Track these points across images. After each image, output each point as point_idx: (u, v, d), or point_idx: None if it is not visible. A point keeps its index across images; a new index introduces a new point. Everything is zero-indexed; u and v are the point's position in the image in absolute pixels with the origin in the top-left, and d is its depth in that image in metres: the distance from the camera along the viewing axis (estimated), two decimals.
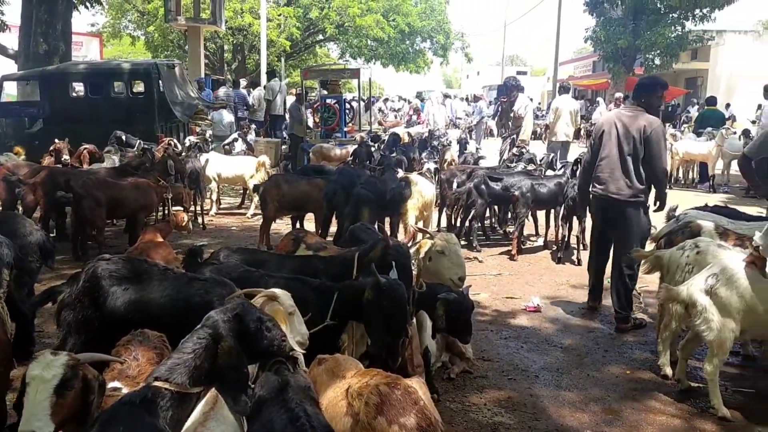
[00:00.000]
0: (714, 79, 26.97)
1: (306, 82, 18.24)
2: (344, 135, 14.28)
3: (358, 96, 16.82)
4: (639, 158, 5.24)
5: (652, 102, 5.39)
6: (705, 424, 3.86)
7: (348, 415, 2.38)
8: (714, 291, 3.90)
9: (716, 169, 13.23)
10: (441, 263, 3.80)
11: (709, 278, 3.96)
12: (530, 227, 8.85)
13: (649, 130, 5.19)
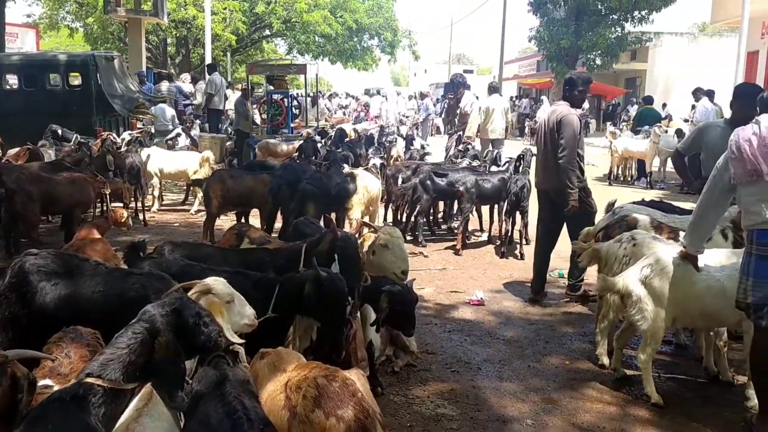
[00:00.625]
0: (652, 80, 27.89)
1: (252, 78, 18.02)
2: (291, 131, 14.18)
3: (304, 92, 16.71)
4: (555, 149, 5.63)
5: (574, 96, 5.78)
6: (639, 411, 3.99)
7: (286, 408, 2.36)
8: (648, 281, 4.03)
9: (653, 166, 13.69)
10: (384, 257, 3.81)
11: (644, 269, 4.09)
12: (475, 222, 8.97)
13: (560, 118, 5.59)
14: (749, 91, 5.16)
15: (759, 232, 3.42)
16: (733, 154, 3.45)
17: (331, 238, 3.57)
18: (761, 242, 3.41)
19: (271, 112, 14.33)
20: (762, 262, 3.41)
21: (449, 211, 9.23)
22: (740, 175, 3.44)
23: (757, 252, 3.43)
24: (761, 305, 3.41)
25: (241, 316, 2.85)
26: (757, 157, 3.33)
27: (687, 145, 5.51)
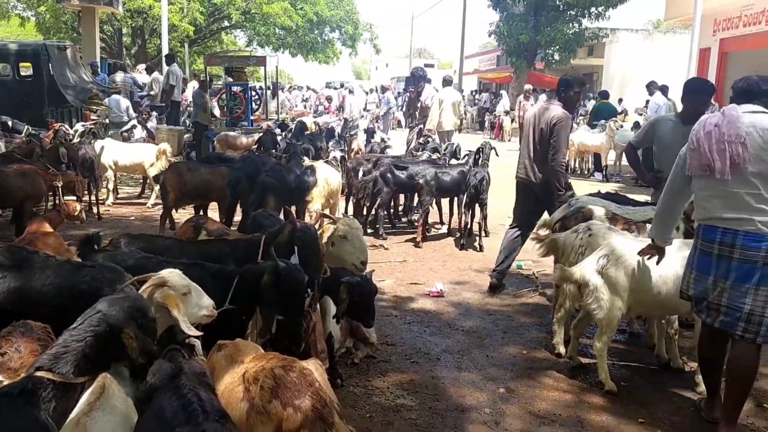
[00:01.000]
0: (608, 75, 28.38)
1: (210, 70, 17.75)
2: (251, 123, 14.02)
3: (264, 84, 16.54)
4: (546, 147, 5.71)
5: (569, 97, 5.86)
6: (593, 398, 4.07)
7: (244, 400, 2.34)
8: (605, 271, 4.12)
9: (609, 160, 13.96)
10: (343, 248, 3.80)
11: (600, 259, 4.17)
12: (435, 215, 9.02)
13: (555, 121, 5.64)
14: (699, 86, 5.30)
15: (705, 228, 3.46)
16: (692, 145, 3.44)
17: (290, 229, 3.55)
18: (706, 238, 3.45)
19: (231, 105, 14.14)
20: (704, 257, 3.45)
21: (410, 204, 9.27)
22: (694, 168, 3.44)
23: (701, 247, 3.48)
24: (701, 299, 3.49)
25: (199, 307, 2.82)
26: (713, 152, 3.31)
27: (640, 138, 5.63)
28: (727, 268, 3.34)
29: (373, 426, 3.66)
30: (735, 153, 3.25)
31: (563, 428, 3.71)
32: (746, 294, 3.28)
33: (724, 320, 3.38)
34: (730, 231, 3.33)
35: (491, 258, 7.32)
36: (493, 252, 7.58)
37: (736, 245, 3.30)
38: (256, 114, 15.27)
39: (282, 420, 2.23)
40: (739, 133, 3.25)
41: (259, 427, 2.27)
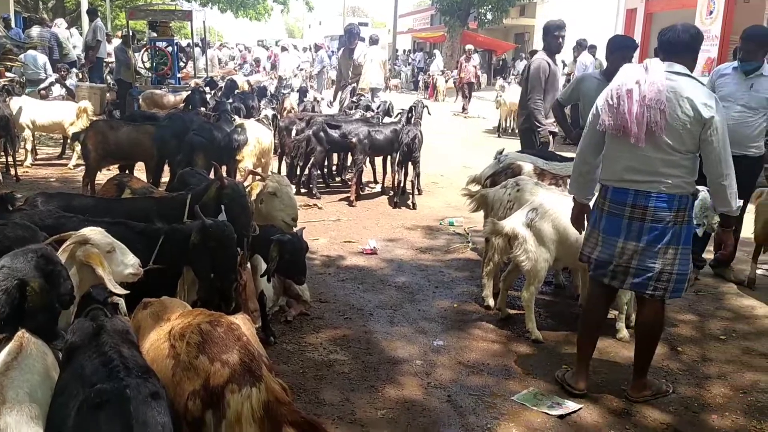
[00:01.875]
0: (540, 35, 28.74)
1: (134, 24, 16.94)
2: (178, 81, 13.53)
3: (191, 41, 15.95)
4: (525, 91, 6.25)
5: (550, 43, 6.24)
6: (520, 347, 4.22)
7: (170, 356, 2.30)
8: (533, 224, 4.23)
9: None
10: (273, 205, 3.75)
11: (529, 213, 4.28)
12: (369, 174, 9.02)
13: (530, 65, 6.21)
14: (622, 42, 5.42)
15: (615, 190, 3.38)
16: (611, 101, 3.27)
17: (218, 186, 3.46)
18: (616, 200, 3.37)
19: (156, 62, 13.58)
20: (614, 220, 3.38)
21: (343, 163, 9.22)
22: (608, 125, 3.28)
23: (610, 209, 3.40)
24: (605, 262, 3.44)
25: (124, 265, 2.74)
26: (631, 115, 3.18)
27: (566, 96, 5.74)
28: (639, 230, 3.31)
29: (306, 381, 3.69)
30: (653, 121, 3.16)
31: (491, 376, 3.83)
32: (657, 255, 3.32)
33: (635, 282, 3.40)
34: (642, 193, 3.28)
35: (424, 216, 7.43)
36: (426, 210, 7.70)
37: (648, 207, 3.28)
38: (184, 71, 14.74)
39: (209, 375, 2.21)
40: (660, 99, 3.15)
41: (186, 383, 2.24)
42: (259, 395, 2.20)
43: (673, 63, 3.29)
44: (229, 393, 2.18)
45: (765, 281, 5.53)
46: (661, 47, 3.38)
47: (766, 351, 4.25)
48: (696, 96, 3.18)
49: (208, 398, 2.19)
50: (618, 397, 3.62)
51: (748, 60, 5.06)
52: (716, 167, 3.22)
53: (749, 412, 3.52)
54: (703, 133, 3.18)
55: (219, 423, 2.17)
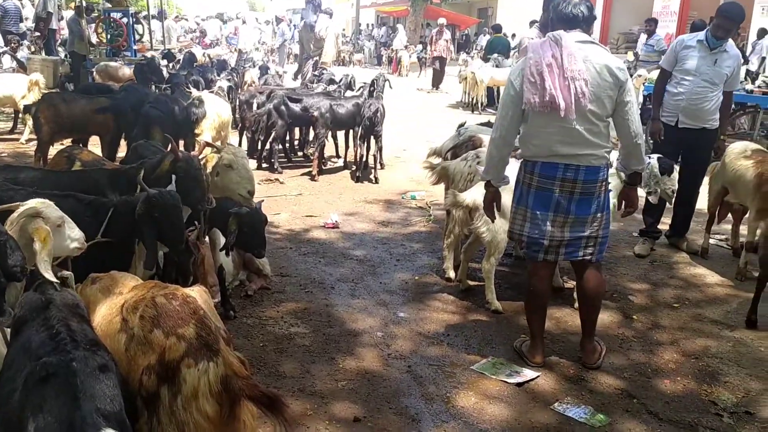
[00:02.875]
0: (503, 10, 28.73)
1: None
2: (134, 54, 13.18)
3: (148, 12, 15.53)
4: None
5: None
6: (480, 317, 4.27)
7: (123, 330, 2.25)
8: None
9: None
10: (229, 177, 3.68)
11: None
12: (331, 148, 8.95)
13: None
14: None
15: (543, 165, 3.37)
16: (532, 78, 3.20)
17: (171, 159, 3.38)
18: (545, 175, 3.37)
19: (111, 33, 13.19)
20: (543, 195, 3.39)
21: (305, 137, 9.13)
22: (534, 103, 3.21)
23: (539, 184, 3.39)
24: (538, 239, 3.46)
25: (71, 239, 2.67)
26: (556, 89, 3.16)
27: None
28: (568, 203, 3.37)
29: (266, 355, 3.67)
30: (580, 91, 3.16)
31: (451, 347, 3.87)
32: (586, 223, 3.42)
33: (567, 251, 3.49)
34: (572, 167, 3.32)
35: (386, 190, 7.43)
36: (388, 183, 7.69)
37: (578, 180, 3.34)
38: (140, 44, 14.36)
39: (164, 349, 2.17)
40: (580, 68, 3.17)
41: (141, 357, 2.20)
42: (217, 369, 2.16)
43: (577, 33, 3.32)
44: (185, 367, 2.14)
45: (717, 251, 5.68)
46: (562, 20, 3.37)
47: (717, 318, 4.37)
48: (609, 61, 3.29)
49: (164, 373, 2.15)
50: (574, 364, 3.69)
51: (722, 37, 5.05)
52: (632, 127, 3.37)
53: (700, 376, 3.63)
54: (620, 96, 3.29)
55: (175, 398, 2.13)
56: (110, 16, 13.49)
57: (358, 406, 3.22)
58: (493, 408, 3.26)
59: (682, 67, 5.18)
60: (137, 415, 2.08)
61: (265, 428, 2.54)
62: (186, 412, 2.07)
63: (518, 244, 3.63)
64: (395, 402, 3.28)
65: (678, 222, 5.66)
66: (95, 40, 13.46)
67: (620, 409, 3.29)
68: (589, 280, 3.60)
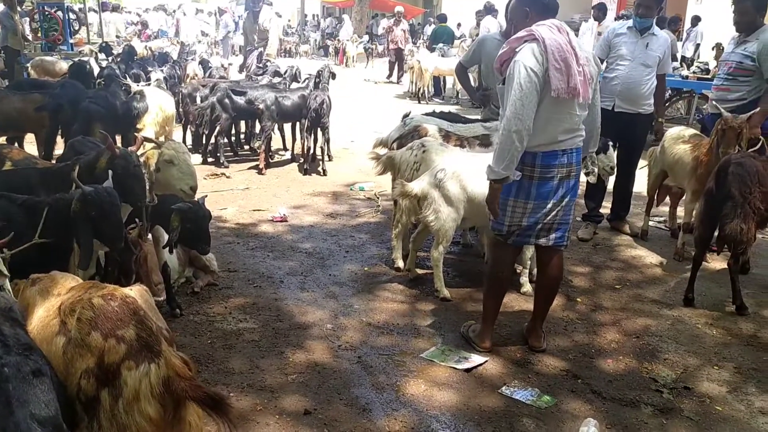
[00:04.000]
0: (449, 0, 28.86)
1: None
2: (71, 48, 12.75)
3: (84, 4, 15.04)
4: None
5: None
6: (429, 306, 4.31)
7: (60, 333, 2.18)
8: (442, 185, 4.28)
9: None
10: (170, 173, 3.61)
11: (438, 174, 4.33)
12: (278, 141, 8.87)
13: None
14: None
15: (545, 155, 3.33)
16: (557, 65, 3.14)
17: (109, 156, 3.29)
18: (546, 164, 3.34)
19: (45, 27, 12.71)
20: (545, 184, 3.38)
21: (251, 130, 9.02)
22: (562, 90, 3.16)
23: (540, 175, 3.36)
24: (533, 226, 3.47)
25: None
26: (576, 75, 3.17)
27: (468, 57, 5.78)
28: (566, 187, 3.43)
29: (215, 351, 3.63)
30: (589, 77, 3.25)
31: (400, 336, 3.90)
32: (570, 207, 3.52)
33: (556, 236, 3.52)
34: (568, 151, 3.36)
35: (334, 182, 7.41)
36: (336, 175, 7.67)
37: (572, 164, 3.40)
38: (77, 37, 13.89)
39: (103, 352, 2.12)
40: (587, 55, 3.30)
41: (79, 361, 2.14)
42: (158, 371, 2.12)
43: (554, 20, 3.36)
44: (126, 370, 2.09)
45: (656, 232, 5.87)
46: (544, 9, 3.37)
47: (656, 297, 4.52)
48: (587, 49, 3.37)
49: (103, 376, 2.09)
50: (520, 348, 3.77)
51: (645, 16, 5.24)
52: (598, 112, 3.56)
53: (641, 354, 3.75)
54: (596, 83, 3.44)
55: (116, 401, 2.08)
56: (44, 9, 13.00)
57: (308, 398, 3.22)
58: (443, 394, 3.30)
59: (616, 53, 5.34)
60: (77, 420, 2.03)
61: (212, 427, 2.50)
62: (128, 416, 2.03)
63: (508, 235, 3.57)
64: (345, 393, 3.29)
65: (618, 205, 5.83)
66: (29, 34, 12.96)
67: (565, 389, 3.38)
68: (556, 267, 3.67)
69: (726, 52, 5.37)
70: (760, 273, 4.96)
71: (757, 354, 3.78)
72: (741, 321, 4.18)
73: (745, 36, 5.00)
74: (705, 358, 3.72)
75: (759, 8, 4.94)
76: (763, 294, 4.60)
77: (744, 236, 4.06)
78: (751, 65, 4.90)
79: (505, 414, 3.15)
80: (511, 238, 3.55)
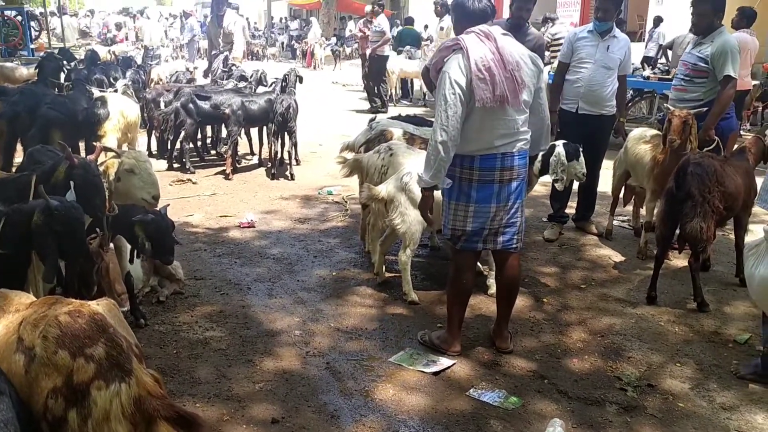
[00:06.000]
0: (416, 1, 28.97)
1: None
2: (31, 53, 12.50)
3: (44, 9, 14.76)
4: None
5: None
6: (397, 309, 4.31)
7: (20, 351, 2.13)
8: (408, 188, 4.29)
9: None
10: (131, 182, 3.55)
11: (404, 177, 4.34)
12: (245, 146, 8.81)
13: None
14: None
15: (482, 158, 3.39)
16: (481, 74, 3.21)
17: (67, 165, 3.22)
18: (485, 167, 3.40)
19: (4, 32, 12.45)
20: (485, 187, 3.43)
21: (217, 135, 8.94)
22: (487, 99, 3.23)
23: (480, 178, 3.42)
24: (478, 231, 3.51)
25: None
26: (504, 82, 3.23)
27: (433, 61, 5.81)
28: (508, 191, 3.46)
29: (180, 362, 3.59)
30: (520, 81, 3.29)
31: (369, 341, 3.89)
32: (517, 210, 3.54)
33: (504, 240, 3.56)
34: (507, 155, 3.41)
35: (302, 186, 7.38)
36: (304, 180, 7.64)
37: (514, 167, 3.44)
38: (38, 42, 13.63)
39: (72, 371, 2.06)
40: (516, 60, 3.30)
41: (44, 380, 2.08)
42: (129, 390, 2.07)
43: (493, 26, 3.44)
44: (95, 390, 2.04)
45: (620, 232, 5.96)
46: (471, 16, 3.41)
47: (621, 296, 4.59)
48: (526, 51, 3.48)
49: (72, 396, 2.04)
50: (488, 350, 3.79)
51: (605, 19, 5.33)
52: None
53: (606, 353, 3.81)
54: (538, 83, 3.51)
55: (84, 422, 2.02)
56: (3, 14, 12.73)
57: (276, 406, 3.20)
58: (411, 398, 3.31)
59: (578, 57, 5.41)
60: None
61: None
62: None
63: (453, 239, 3.64)
64: (314, 400, 3.28)
65: (583, 206, 5.91)
66: None
67: (532, 390, 3.41)
68: (512, 267, 3.70)
69: (684, 52, 5.48)
70: (720, 270, 5.07)
71: (718, 350, 3.86)
72: (702, 318, 4.26)
73: (702, 38, 5.11)
74: (668, 355, 3.79)
75: (717, 10, 5.05)
76: (724, 291, 4.71)
77: (704, 235, 4.15)
78: (704, 67, 5.00)
79: (473, 416, 3.17)
80: (459, 243, 3.60)
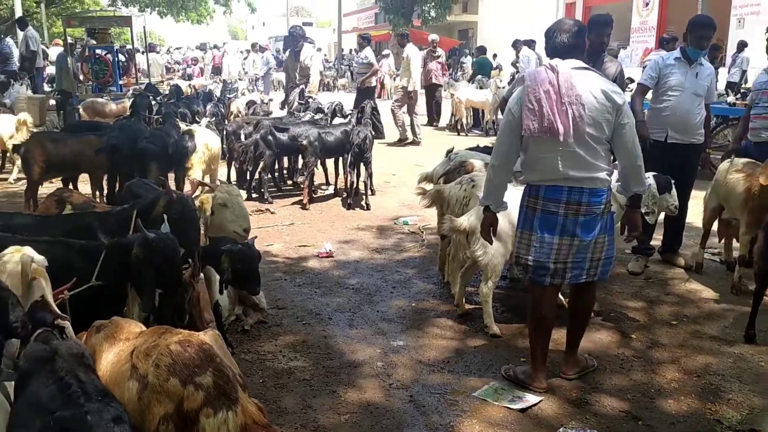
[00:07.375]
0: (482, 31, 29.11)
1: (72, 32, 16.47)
2: (119, 89, 13.20)
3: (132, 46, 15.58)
4: None
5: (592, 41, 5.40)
6: (477, 341, 4.26)
7: (134, 378, 2.22)
8: None
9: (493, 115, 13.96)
10: (224, 216, 3.68)
11: None
12: (321, 176, 8.98)
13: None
14: (598, 20, 5.44)
15: (548, 188, 3.41)
16: (530, 105, 3.29)
17: (168, 199, 3.37)
18: (550, 198, 3.41)
19: (96, 69, 13.21)
20: (549, 218, 3.42)
21: (294, 165, 9.16)
22: (533, 129, 3.29)
23: (544, 208, 3.43)
24: (544, 264, 3.47)
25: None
26: (555, 114, 3.23)
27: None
28: (574, 225, 3.40)
29: (267, 391, 3.64)
30: (577, 115, 3.24)
31: (451, 374, 3.86)
32: (590, 246, 3.45)
33: (573, 275, 3.51)
34: (576, 189, 3.36)
35: (378, 216, 7.44)
36: (379, 210, 7.71)
37: (582, 203, 3.38)
38: (126, 78, 14.39)
39: (182, 399, 2.14)
40: (578, 93, 3.25)
41: (157, 407, 2.16)
42: (236, 419, 2.15)
43: (571, 60, 3.40)
44: (204, 417, 2.12)
45: (710, 265, 5.72)
46: (554, 50, 3.46)
47: (716, 334, 4.39)
48: (605, 85, 3.37)
49: (182, 423, 2.13)
50: (576, 387, 3.69)
51: (701, 47, 5.22)
52: (632, 149, 3.44)
53: (703, 394, 3.63)
54: (618, 119, 3.36)
55: None
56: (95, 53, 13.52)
57: None
58: None
59: (667, 83, 5.28)
60: None
61: None
62: None
63: (523, 269, 3.64)
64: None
65: (670, 238, 5.72)
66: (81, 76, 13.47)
67: (626, 431, 3.29)
68: (583, 298, 3.69)
69: (757, 82, 5.29)
70: None
71: None
72: None
73: None
74: None
75: None
76: None
77: None
78: None
79: None
80: (528, 274, 3.61)
